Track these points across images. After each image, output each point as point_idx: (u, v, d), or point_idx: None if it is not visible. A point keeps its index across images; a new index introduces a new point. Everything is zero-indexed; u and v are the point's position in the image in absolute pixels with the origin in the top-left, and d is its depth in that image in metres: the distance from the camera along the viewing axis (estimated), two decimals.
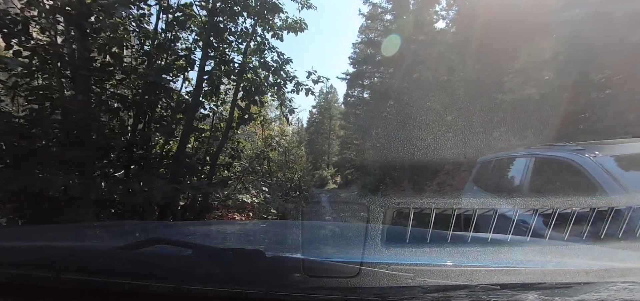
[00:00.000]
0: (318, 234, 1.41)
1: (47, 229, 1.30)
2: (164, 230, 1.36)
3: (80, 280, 0.61)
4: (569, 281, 0.65)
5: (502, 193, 3.53)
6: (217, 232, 1.41)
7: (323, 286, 0.60)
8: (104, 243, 1.07)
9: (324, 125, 39.72)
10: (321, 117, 41.04)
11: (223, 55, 3.76)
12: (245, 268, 0.62)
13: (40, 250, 0.70)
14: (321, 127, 39.98)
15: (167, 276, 0.62)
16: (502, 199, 3.40)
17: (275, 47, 4.22)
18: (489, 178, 4.14)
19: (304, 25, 4.37)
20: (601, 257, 1.06)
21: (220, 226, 1.85)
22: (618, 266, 0.89)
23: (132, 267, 0.64)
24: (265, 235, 1.40)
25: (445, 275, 0.66)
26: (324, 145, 38.91)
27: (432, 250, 1.08)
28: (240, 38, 3.92)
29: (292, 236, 1.33)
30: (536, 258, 1.04)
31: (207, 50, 3.53)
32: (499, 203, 3.26)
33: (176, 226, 1.61)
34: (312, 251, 0.99)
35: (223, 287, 0.58)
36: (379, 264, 0.68)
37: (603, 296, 0.58)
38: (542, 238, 1.67)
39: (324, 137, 39.19)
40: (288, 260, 0.72)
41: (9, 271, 0.63)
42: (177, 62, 3.53)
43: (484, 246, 1.19)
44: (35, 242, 0.89)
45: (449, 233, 1.25)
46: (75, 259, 0.67)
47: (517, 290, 0.59)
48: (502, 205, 3.21)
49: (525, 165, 3.15)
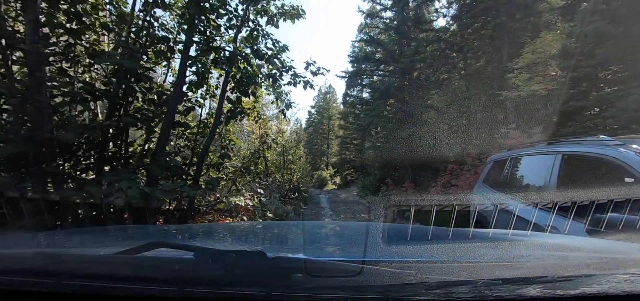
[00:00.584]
0: (319, 234, 1.40)
1: (49, 235, 1.29)
2: (165, 234, 1.36)
3: (82, 286, 0.61)
4: (571, 274, 0.64)
5: (521, 193, 3.19)
6: (219, 234, 1.41)
7: (325, 286, 0.60)
8: (106, 248, 1.04)
9: (323, 125, 39.58)
10: (320, 117, 40.89)
11: (210, 40, 3.36)
12: (247, 269, 0.62)
13: (42, 256, 0.69)
14: (320, 128, 39.84)
15: (169, 280, 0.62)
16: (524, 199, 3.05)
17: (270, 34, 3.83)
18: (505, 177, 3.76)
19: (301, 12, 3.98)
20: (602, 249, 1.07)
21: (222, 228, 1.83)
22: (619, 258, 0.87)
23: (134, 271, 0.64)
24: (267, 236, 1.39)
25: (447, 271, 0.65)
26: (323, 146, 38.77)
27: (434, 246, 1.09)
28: (230, 22, 3.52)
29: (294, 236, 1.34)
30: (537, 252, 1.04)
31: (191, 33, 3.12)
32: (521, 203, 2.90)
33: (177, 230, 1.60)
34: (313, 251, 1.00)
35: (225, 289, 0.59)
36: (381, 262, 0.67)
37: (604, 288, 0.57)
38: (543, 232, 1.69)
39: (322, 138, 39.05)
40: (290, 260, 0.70)
41: (12, 277, 0.63)
42: (157, 46, 3.12)
43: (485, 241, 1.18)
44: (36, 248, 0.87)
45: (450, 230, 1.25)
46: (77, 265, 0.67)
47: (519, 284, 0.58)
48: (525, 205, 2.85)
49: (551, 162, 2.78)
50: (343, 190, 25.58)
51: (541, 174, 2.89)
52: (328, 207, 12.87)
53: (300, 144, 16.23)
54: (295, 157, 11.74)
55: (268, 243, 1.24)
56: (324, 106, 40.55)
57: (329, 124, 38.77)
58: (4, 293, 0.62)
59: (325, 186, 29.18)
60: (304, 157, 15.38)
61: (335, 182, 30.36)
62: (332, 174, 31.86)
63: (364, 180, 17.81)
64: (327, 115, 39.36)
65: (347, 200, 16.16)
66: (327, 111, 39.63)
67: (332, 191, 24.92)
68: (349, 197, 18.13)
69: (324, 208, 12.93)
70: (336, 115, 37.01)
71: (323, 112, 40.22)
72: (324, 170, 32.44)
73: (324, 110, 40.14)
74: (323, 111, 40.29)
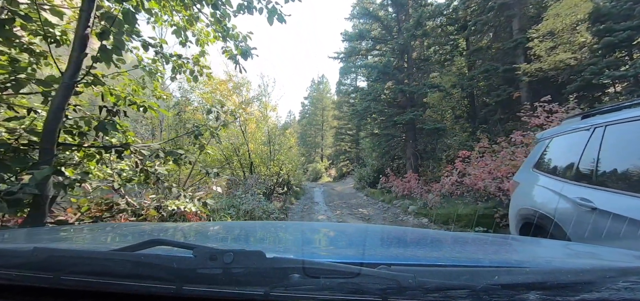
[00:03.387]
0: (318, 235, 1.43)
1: (48, 231, 1.32)
2: (165, 232, 1.33)
3: (80, 281, 0.62)
4: (571, 281, 0.62)
5: (620, 182, 1.94)
6: (218, 233, 1.42)
7: (323, 287, 0.60)
8: (105, 245, 1.04)
9: (317, 116, 38.58)
10: (313, 108, 39.87)
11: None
12: (245, 269, 0.62)
13: (41, 252, 0.67)
14: (314, 119, 38.85)
15: (168, 278, 0.62)
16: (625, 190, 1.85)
17: None
18: (584, 160, 2.42)
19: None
20: (602, 256, 1.06)
21: (221, 227, 1.81)
22: (619, 265, 0.87)
23: (132, 269, 0.64)
24: (266, 236, 1.38)
25: (446, 275, 0.64)
26: (317, 138, 37.81)
27: (433, 249, 1.09)
28: None
29: (293, 237, 1.36)
30: (538, 257, 1.03)
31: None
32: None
33: (177, 228, 1.51)
34: (312, 252, 1.04)
35: (223, 288, 0.59)
36: (379, 264, 0.65)
37: (604, 296, 0.58)
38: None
39: (317, 129, 38.09)
40: (288, 261, 0.68)
41: (10, 272, 0.63)
42: None
43: (485, 245, 1.17)
44: (35, 244, 0.78)
45: (450, 233, 1.32)
46: (76, 260, 0.67)
47: (519, 290, 0.59)
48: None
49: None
50: (339, 182, 24.53)
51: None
52: (323, 203, 11.56)
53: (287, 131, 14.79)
54: (283, 146, 10.32)
55: (267, 243, 1.21)
56: (317, 97, 39.56)
57: (322, 115, 37.87)
58: (2, 287, 0.64)
59: (320, 179, 28.30)
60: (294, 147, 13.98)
61: (331, 174, 29.51)
62: (327, 166, 31.04)
63: (360, 171, 16.64)
64: (320, 106, 38.47)
65: (343, 193, 14.91)
66: (321, 102, 38.71)
67: (328, 184, 23.82)
68: (345, 190, 16.91)
69: (317, 203, 11.63)
70: (330, 106, 36.11)
71: (316, 103, 39.29)
72: (319, 163, 31.58)
73: (317, 101, 39.20)
74: (316, 102, 39.35)
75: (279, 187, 9.74)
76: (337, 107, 29.89)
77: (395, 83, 12.18)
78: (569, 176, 2.49)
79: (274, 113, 10.48)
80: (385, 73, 11.44)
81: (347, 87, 29.76)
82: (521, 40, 9.57)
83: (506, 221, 5.84)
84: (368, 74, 13.67)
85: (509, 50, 10.37)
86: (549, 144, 3.11)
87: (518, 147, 6.06)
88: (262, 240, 1.28)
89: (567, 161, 2.64)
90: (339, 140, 29.42)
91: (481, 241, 1.23)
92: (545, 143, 3.19)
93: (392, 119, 11.66)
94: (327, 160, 32.30)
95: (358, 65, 15.54)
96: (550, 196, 2.67)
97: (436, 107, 13.20)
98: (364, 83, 18.73)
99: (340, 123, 28.71)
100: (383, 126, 12.90)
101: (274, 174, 9.72)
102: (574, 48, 7.34)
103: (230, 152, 9.42)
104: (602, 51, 7.06)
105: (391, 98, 12.67)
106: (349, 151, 27.78)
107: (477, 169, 6.65)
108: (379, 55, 13.58)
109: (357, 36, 12.87)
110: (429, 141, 11.94)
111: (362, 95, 13.46)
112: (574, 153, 2.54)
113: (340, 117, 28.41)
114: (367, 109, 12.68)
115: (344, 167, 27.68)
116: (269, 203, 7.63)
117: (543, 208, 2.59)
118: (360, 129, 22.01)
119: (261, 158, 9.73)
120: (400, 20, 12.84)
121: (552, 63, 7.50)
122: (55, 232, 1.24)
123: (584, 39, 7.25)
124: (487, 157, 7.02)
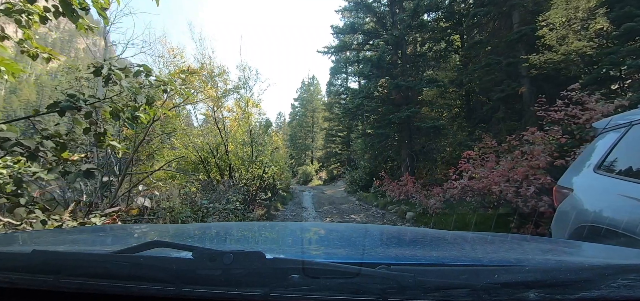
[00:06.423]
0: (318, 235, 1.43)
1: (47, 233, 1.31)
2: (166, 233, 1.33)
3: (80, 284, 0.61)
4: (570, 279, 0.61)
5: None
6: (217, 234, 1.38)
7: (323, 287, 0.59)
8: (104, 247, 1.02)
9: (307, 118, 37.61)
10: (304, 110, 38.89)
11: None
12: (245, 270, 0.60)
13: (40, 254, 0.66)
14: (304, 121, 37.86)
15: (168, 279, 0.60)
16: None
17: None
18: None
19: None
20: (601, 254, 1.06)
21: (220, 227, 1.81)
22: (618, 262, 0.84)
23: (132, 270, 0.62)
24: (266, 237, 1.35)
25: (446, 274, 0.63)
26: (308, 140, 36.79)
27: (433, 249, 1.08)
28: None
29: (293, 237, 1.35)
30: (537, 256, 1.02)
31: None
32: None
33: (178, 229, 1.54)
34: (312, 252, 1.02)
35: (223, 289, 0.59)
36: (379, 264, 0.63)
37: (603, 293, 0.57)
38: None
39: (307, 131, 37.10)
40: (288, 261, 0.67)
41: (9, 275, 0.63)
42: None
43: (484, 244, 1.17)
44: (35, 246, 0.83)
45: (449, 232, 1.29)
46: (76, 263, 0.65)
47: (519, 289, 0.57)
48: None
49: None
50: (329, 185, 23.61)
51: None
52: (312, 209, 10.55)
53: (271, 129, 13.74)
54: (268, 147, 9.28)
55: (267, 244, 1.19)
56: (307, 98, 38.65)
57: (313, 117, 36.95)
58: (1, 290, 0.63)
59: (310, 182, 27.34)
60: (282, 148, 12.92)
61: (321, 177, 28.56)
62: (318, 169, 30.07)
63: (352, 174, 15.73)
64: (310, 108, 37.56)
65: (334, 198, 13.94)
66: (311, 103, 37.83)
67: (318, 187, 22.82)
68: (336, 193, 15.94)
69: (306, 209, 10.61)
70: (320, 107, 35.26)
71: (306, 104, 38.36)
72: (309, 165, 30.61)
73: (307, 103, 38.29)
74: (306, 103, 38.43)
75: (262, 192, 8.70)
76: (328, 108, 29.06)
77: (389, 78, 11.34)
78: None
79: (257, 110, 9.43)
80: (379, 67, 10.57)
81: (337, 88, 28.99)
82: (525, 32, 8.85)
83: (524, 231, 5.00)
84: (360, 71, 12.78)
85: (511, 42, 9.65)
86: (624, 136, 2.20)
87: (535, 144, 5.23)
88: (262, 241, 1.25)
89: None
90: (330, 142, 28.60)
91: (481, 240, 1.22)
92: (614, 136, 2.27)
93: (386, 118, 10.78)
94: (318, 163, 31.39)
95: (350, 58, 14.63)
96: (631, 207, 1.82)
97: (432, 105, 12.40)
98: (355, 84, 17.94)
99: (331, 125, 27.91)
100: (376, 125, 12.01)
101: (256, 178, 8.68)
102: (590, 35, 6.59)
103: (206, 153, 8.33)
104: (621, 39, 6.34)
105: (385, 96, 11.81)
106: (340, 153, 26.95)
107: (487, 171, 5.78)
108: (372, 50, 12.73)
109: (348, 28, 11.98)
110: (426, 141, 11.10)
111: (354, 93, 12.55)
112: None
113: (330, 119, 27.60)
114: (359, 106, 11.78)
115: (334, 170, 26.86)
116: (248, 213, 6.58)
117: (619, 225, 1.79)
118: (352, 130, 21.15)
119: (242, 159, 8.67)
120: (394, 13, 12.02)
121: (566, 52, 6.74)
122: (55, 234, 1.25)
123: (601, 25, 6.52)
124: (493, 157, 6.18)
